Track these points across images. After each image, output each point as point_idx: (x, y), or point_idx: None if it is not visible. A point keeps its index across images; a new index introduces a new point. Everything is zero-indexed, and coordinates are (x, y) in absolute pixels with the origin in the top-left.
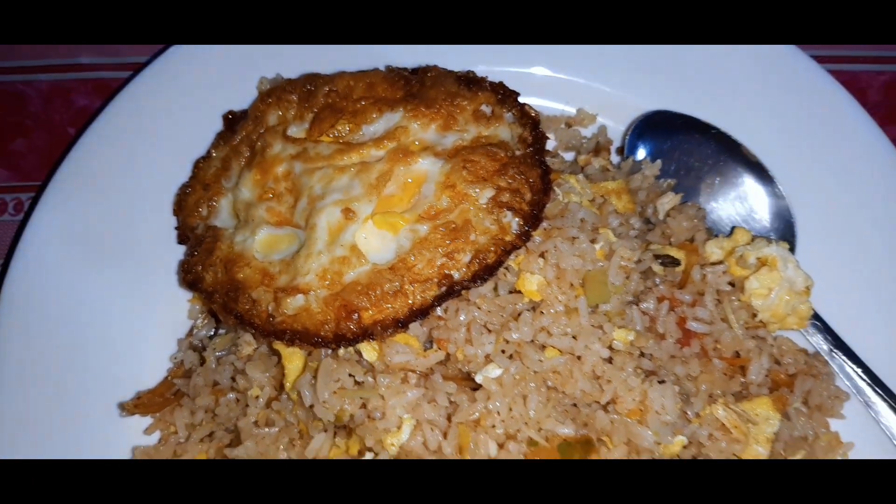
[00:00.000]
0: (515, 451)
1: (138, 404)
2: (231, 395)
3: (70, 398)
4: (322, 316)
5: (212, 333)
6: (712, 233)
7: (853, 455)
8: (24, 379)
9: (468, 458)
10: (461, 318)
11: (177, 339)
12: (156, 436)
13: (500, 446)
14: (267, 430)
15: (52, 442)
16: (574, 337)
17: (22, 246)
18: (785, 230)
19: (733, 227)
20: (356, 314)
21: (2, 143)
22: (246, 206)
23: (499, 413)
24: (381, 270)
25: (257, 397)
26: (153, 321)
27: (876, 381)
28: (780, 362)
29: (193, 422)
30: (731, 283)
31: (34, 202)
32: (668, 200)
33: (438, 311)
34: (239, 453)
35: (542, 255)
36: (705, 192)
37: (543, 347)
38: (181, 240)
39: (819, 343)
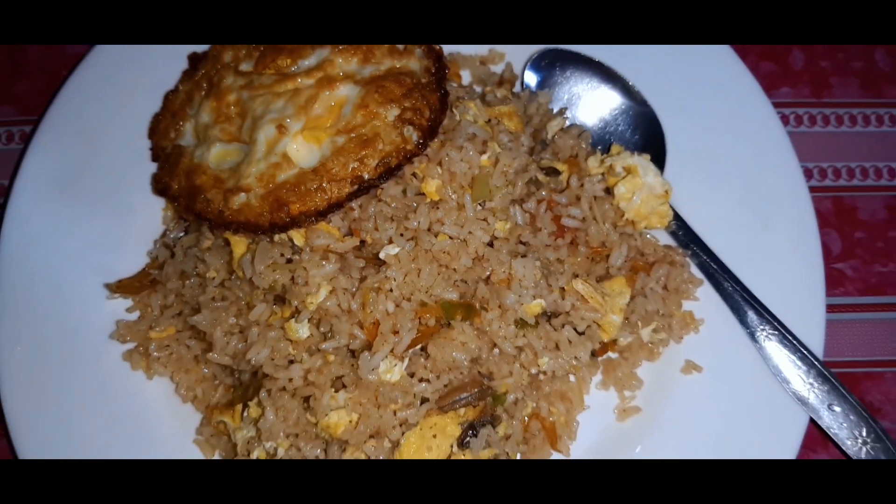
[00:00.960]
0: (407, 309)
1: (120, 286)
2: (193, 280)
3: (67, 287)
4: (260, 209)
5: (181, 234)
6: (594, 150)
7: (703, 329)
8: (27, 272)
9: (369, 314)
10: (370, 211)
11: (153, 240)
12: (136, 315)
13: (397, 305)
14: (220, 303)
15: (51, 318)
16: (461, 226)
17: (23, 167)
18: (657, 150)
19: (610, 145)
20: (286, 207)
21: (7, 84)
22: (204, 128)
23: (395, 280)
24: (306, 172)
25: (213, 278)
26: (134, 227)
27: (724, 269)
28: (643, 253)
29: (165, 303)
30: (606, 191)
31: (31, 132)
32: (556, 123)
33: (354, 206)
34: (198, 319)
35: (439, 164)
36: (590, 116)
37: (437, 234)
38: (154, 158)
39: (678, 238)
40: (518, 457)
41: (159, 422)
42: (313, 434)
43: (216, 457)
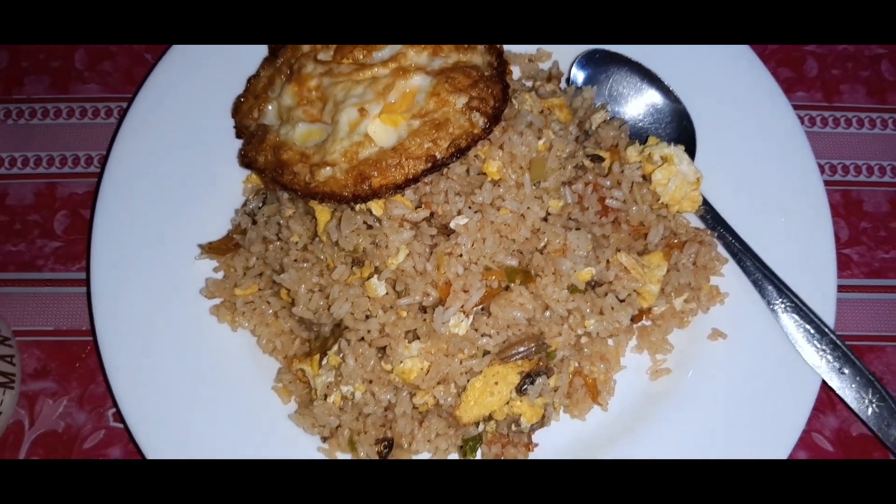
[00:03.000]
0: (475, 271)
1: (211, 247)
2: (277, 244)
3: (160, 247)
4: (344, 181)
5: (261, 205)
6: (632, 141)
7: (728, 301)
8: (125, 231)
9: (442, 274)
10: (441, 186)
11: (234, 209)
12: (221, 275)
13: (465, 268)
14: (304, 265)
15: (147, 276)
16: (520, 202)
17: (119, 141)
18: (689, 143)
19: (647, 137)
20: (368, 180)
21: (94, 65)
22: (287, 110)
23: (465, 246)
24: (386, 151)
25: (296, 242)
26: (218, 198)
27: (746, 249)
28: (676, 233)
29: (248, 265)
30: (643, 177)
31: (126, 109)
32: (599, 116)
33: (426, 182)
34: (284, 277)
35: (500, 147)
36: (630, 111)
37: (499, 209)
38: (238, 135)
39: (707, 221)
40: (562, 409)
41: (242, 370)
42: (387, 381)
43: (292, 403)
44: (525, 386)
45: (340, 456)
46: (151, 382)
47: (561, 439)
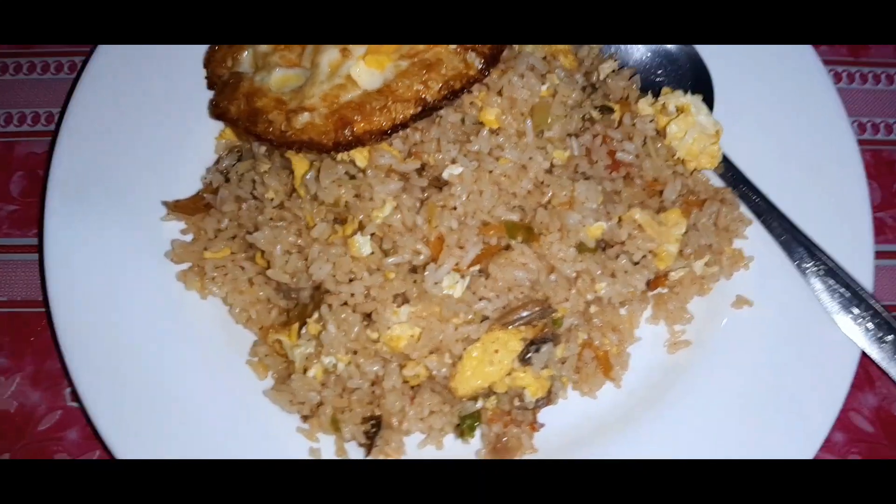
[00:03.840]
0: (472, 225)
1: (177, 205)
2: (250, 202)
3: (121, 206)
4: (323, 127)
5: (234, 162)
6: (644, 94)
7: (753, 266)
8: (81, 188)
9: (434, 229)
10: (433, 134)
11: (206, 168)
12: (190, 237)
13: (460, 222)
14: (280, 223)
15: (106, 236)
16: (521, 151)
17: (78, 92)
18: (706, 92)
19: (660, 89)
20: (350, 125)
21: None
22: (263, 56)
23: (460, 198)
24: (371, 93)
25: (272, 199)
26: (186, 155)
27: (773, 209)
28: (694, 191)
29: (220, 227)
30: (657, 132)
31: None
32: (608, 66)
33: (415, 129)
34: (257, 237)
35: (499, 93)
36: (640, 60)
37: (497, 159)
38: (210, 86)
39: (728, 179)
40: (570, 386)
41: (213, 343)
42: (373, 351)
43: (269, 378)
44: (529, 354)
45: (323, 438)
46: (111, 357)
47: (569, 419)
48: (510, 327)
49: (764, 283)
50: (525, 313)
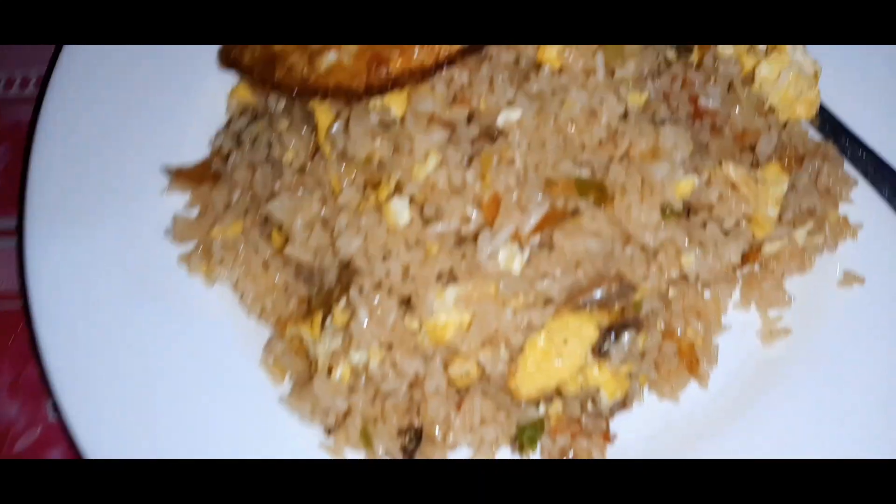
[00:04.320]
0: (534, 181)
1: (181, 173)
2: (266, 168)
3: (114, 176)
4: (353, 69)
5: (248, 124)
6: None
7: (862, 235)
8: (68, 154)
9: (488, 186)
10: (483, 73)
11: (215, 131)
12: (195, 213)
13: (519, 179)
14: (301, 190)
15: (95, 212)
16: (590, 93)
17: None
18: None
19: None
20: (386, 64)
21: None
22: None
23: (519, 148)
24: None
25: (291, 162)
26: (195, 118)
27: (884, 166)
28: (790, 147)
29: (231, 200)
30: (744, 77)
31: None
32: None
33: (464, 66)
34: (275, 206)
35: None
36: None
37: (563, 102)
38: None
39: (826, 133)
40: (646, 386)
41: (220, 339)
42: (412, 345)
43: (286, 382)
44: (606, 344)
45: (350, 454)
46: (100, 361)
47: (645, 428)
48: (581, 310)
49: (877, 256)
50: (599, 293)
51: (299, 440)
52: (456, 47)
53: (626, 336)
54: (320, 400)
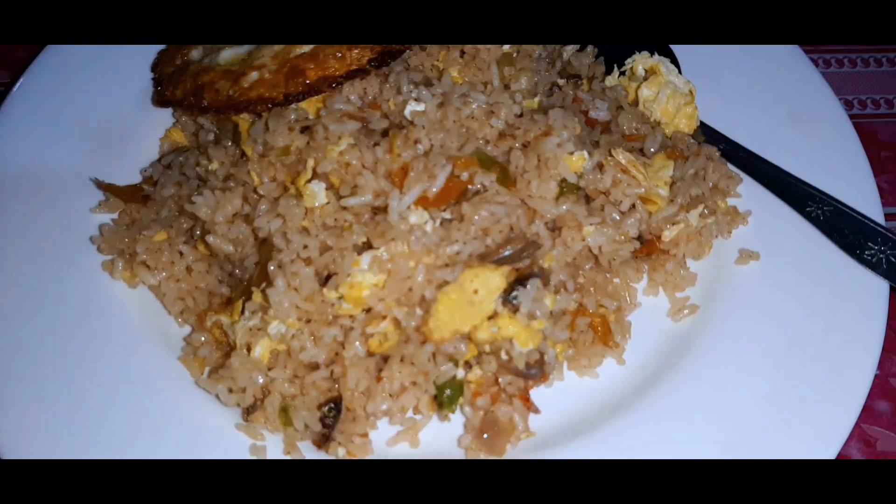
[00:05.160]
0: (438, 152)
1: (111, 188)
2: (193, 182)
3: (46, 189)
4: (273, 81)
5: (179, 159)
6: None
7: (751, 220)
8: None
9: (397, 157)
10: (392, 80)
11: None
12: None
13: (426, 154)
14: (224, 193)
15: (22, 220)
16: (488, 95)
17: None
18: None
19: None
20: (303, 74)
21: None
22: (212, 46)
23: (425, 128)
24: (325, 46)
25: (216, 170)
26: (126, 154)
27: (761, 160)
28: (674, 148)
29: (158, 217)
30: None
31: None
32: (570, 48)
33: (371, 84)
34: (198, 201)
35: (461, 51)
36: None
37: (464, 100)
38: (157, 85)
39: (710, 142)
40: (566, 366)
41: (138, 340)
42: (331, 317)
43: (204, 376)
44: (515, 292)
45: (270, 437)
46: (14, 361)
47: (569, 405)
48: (490, 265)
49: (768, 235)
50: (507, 251)
51: (215, 425)
52: (367, 57)
53: (531, 283)
54: (238, 378)
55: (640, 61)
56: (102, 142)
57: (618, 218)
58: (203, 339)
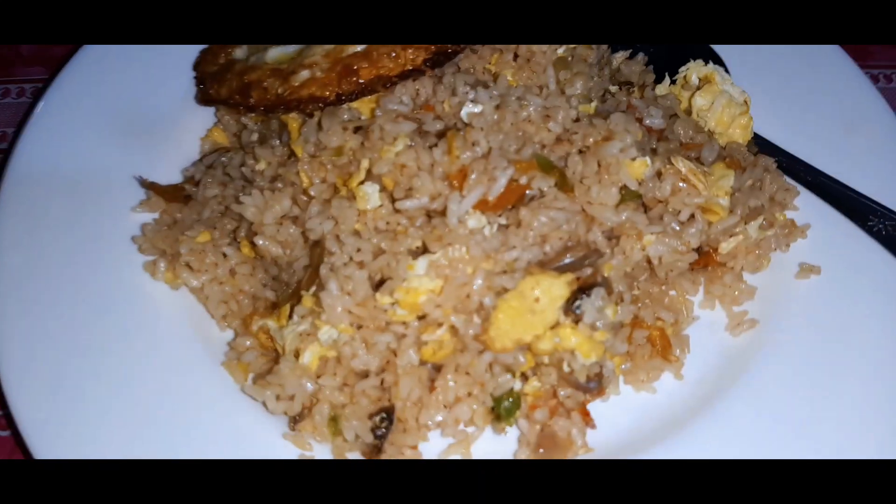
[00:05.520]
0: (498, 154)
1: (154, 186)
2: (238, 182)
3: (87, 189)
4: (325, 79)
5: (222, 159)
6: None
7: (811, 234)
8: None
9: (456, 159)
10: (447, 82)
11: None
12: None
13: (485, 156)
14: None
15: (62, 221)
16: (545, 98)
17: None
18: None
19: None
20: (356, 73)
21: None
22: (258, 46)
23: (483, 129)
24: (378, 45)
25: (263, 171)
26: (167, 154)
27: (819, 173)
28: (731, 158)
29: (200, 217)
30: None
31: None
32: (620, 55)
33: (425, 85)
34: (244, 203)
35: (514, 54)
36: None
37: (520, 102)
38: (199, 84)
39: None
40: (622, 380)
41: (181, 343)
42: (384, 323)
43: (248, 382)
44: (578, 301)
45: (317, 447)
46: (54, 368)
47: (626, 419)
48: (551, 273)
49: (829, 249)
50: (568, 258)
51: (261, 433)
52: (420, 58)
53: (595, 293)
54: (286, 384)
55: (695, 70)
56: (141, 140)
57: (677, 228)
58: (248, 343)
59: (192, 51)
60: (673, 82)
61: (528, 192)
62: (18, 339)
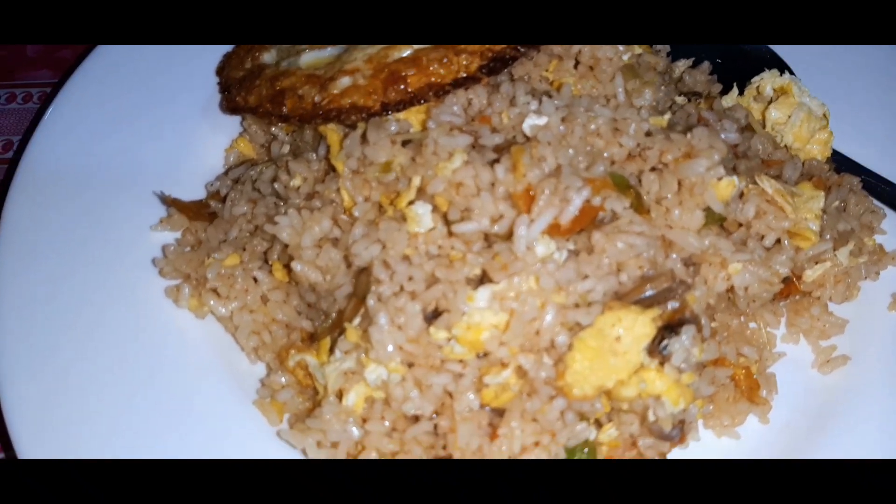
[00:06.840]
0: (569, 172)
1: (176, 203)
2: (269, 199)
3: (100, 204)
4: (369, 87)
5: (250, 172)
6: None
7: None
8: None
9: (522, 177)
10: (503, 91)
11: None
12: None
13: (553, 174)
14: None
15: (74, 244)
16: (614, 109)
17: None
18: None
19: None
20: (403, 81)
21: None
22: (289, 48)
23: (550, 144)
24: (428, 49)
25: (298, 187)
26: (189, 165)
27: None
28: (814, 176)
29: (227, 238)
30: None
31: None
32: (682, 63)
33: (478, 95)
34: (280, 224)
35: (576, 60)
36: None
37: (588, 113)
38: (223, 90)
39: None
40: (701, 423)
41: (208, 378)
42: (438, 361)
43: (284, 424)
44: (665, 341)
45: None
46: (63, 408)
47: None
48: (633, 307)
49: None
50: (650, 290)
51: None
52: (474, 64)
53: (686, 331)
54: (329, 429)
55: (769, 80)
56: (160, 151)
57: (762, 254)
58: (283, 380)
59: (213, 52)
60: (740, 93)
61: (600, 214)
62: (33, 387)
